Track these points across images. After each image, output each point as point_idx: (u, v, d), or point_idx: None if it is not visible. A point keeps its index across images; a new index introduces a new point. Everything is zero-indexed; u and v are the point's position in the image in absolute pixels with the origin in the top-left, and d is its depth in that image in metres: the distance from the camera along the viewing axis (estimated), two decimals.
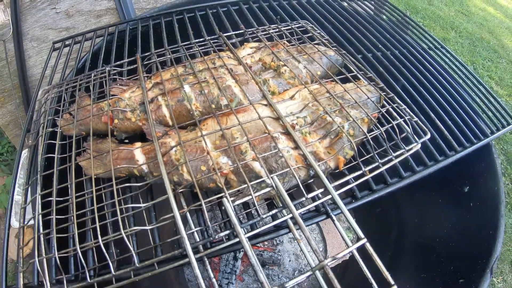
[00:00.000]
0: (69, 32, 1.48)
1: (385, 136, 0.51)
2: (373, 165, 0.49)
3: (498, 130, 0.74)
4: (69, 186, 0.46)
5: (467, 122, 0.71)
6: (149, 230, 0.43)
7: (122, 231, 0.39)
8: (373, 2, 1.16)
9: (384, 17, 1.11)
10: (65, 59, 0.85)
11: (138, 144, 0.52)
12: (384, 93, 0.59)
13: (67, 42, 0.91)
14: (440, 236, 0.80)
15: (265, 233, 0.46)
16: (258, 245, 1.53)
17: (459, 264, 0.70)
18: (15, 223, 1.10)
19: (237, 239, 0.41)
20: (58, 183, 0.48)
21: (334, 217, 0.47)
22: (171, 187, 0.43)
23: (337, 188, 0.46)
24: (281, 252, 1.42)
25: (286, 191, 0.43)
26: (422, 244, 0.86)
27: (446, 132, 0.66)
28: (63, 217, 0.45)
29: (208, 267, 0.41)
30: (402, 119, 0.53)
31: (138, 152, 0.49)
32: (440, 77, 0.82)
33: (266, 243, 1.43)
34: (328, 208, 0.48)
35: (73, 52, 0.89)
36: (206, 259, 0.41)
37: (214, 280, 0.39)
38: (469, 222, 0.75)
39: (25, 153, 1.34)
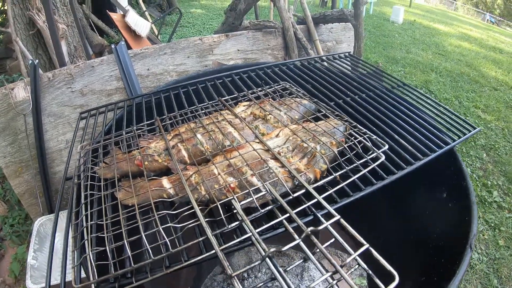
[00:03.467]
0: (83, 109, 1.85)
1: (349, 150, 0.77)
2: (342, 171, 0.73)
3: (459, 137, 1.00)
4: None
5: (429, 136, 0.98)
6: (174, 232, 0.63)
7: (160, 227, 0.60)
8: (349, 62, 1.58)
9: (360, 71, 1.50)
10: (92, 129, 1.17)
11: (165, 177, 0.77)
12: (348, 123, 0.88)
13: (92, 112, 1.24)
14: (432, 241, 0.97)
15: (265, 233, 0.66)
16: None
17: (448, 255, 0.86)
18: (31, 286, 1.23)
19: (248, 235, 0.62)
20: (98, 213, 0.70)
21: (320, 216, 0.68)
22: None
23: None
24: None
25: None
26: (422, 255, 1.02)
27: (409, 147, 0.92)
28: (102, 235, 0.66)
29: (226, 260, 0.59)
30: (362, 137, 0.80)
31: (165, 181, 0.74)
32: (402, 107, 1.13)
33: None
34: (314, 210, 0.70)
35: (91, 121, 1.19)
36: (223, 253, 0.60)
37: (230, 270, 0.58)
38: (451, 220, 0.95)
39: (40, 220, 1.54)
